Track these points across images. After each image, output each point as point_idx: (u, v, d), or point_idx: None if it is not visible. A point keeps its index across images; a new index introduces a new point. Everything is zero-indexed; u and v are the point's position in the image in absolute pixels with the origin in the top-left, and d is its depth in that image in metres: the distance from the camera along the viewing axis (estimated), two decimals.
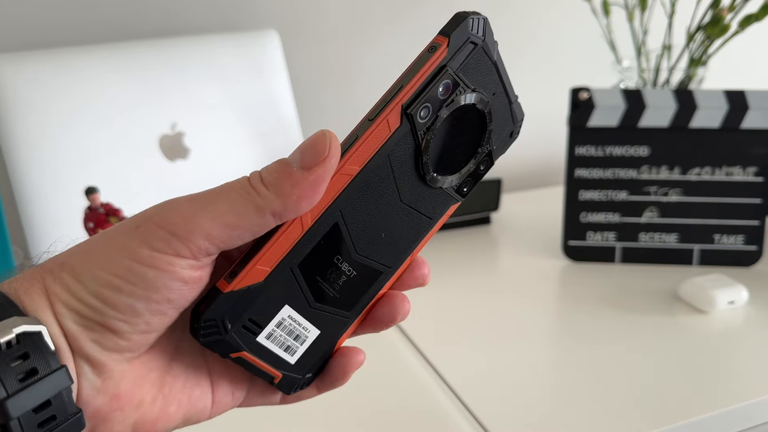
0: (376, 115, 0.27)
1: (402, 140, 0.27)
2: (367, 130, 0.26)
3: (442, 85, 0.27)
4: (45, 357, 0.23)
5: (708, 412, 0.52)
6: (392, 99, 0.27)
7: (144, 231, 0.24)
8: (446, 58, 0.27)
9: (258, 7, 0.83)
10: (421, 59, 0.27)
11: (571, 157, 0.73)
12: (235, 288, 0.26)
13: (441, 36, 0.27)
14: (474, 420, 0.52)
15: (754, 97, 0.70)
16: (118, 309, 0.24)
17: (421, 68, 0.27)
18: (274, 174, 0.25)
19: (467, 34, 0.27)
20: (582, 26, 0.90)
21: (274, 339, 0.28)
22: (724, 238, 0.73)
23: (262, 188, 0.25)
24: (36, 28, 0.75)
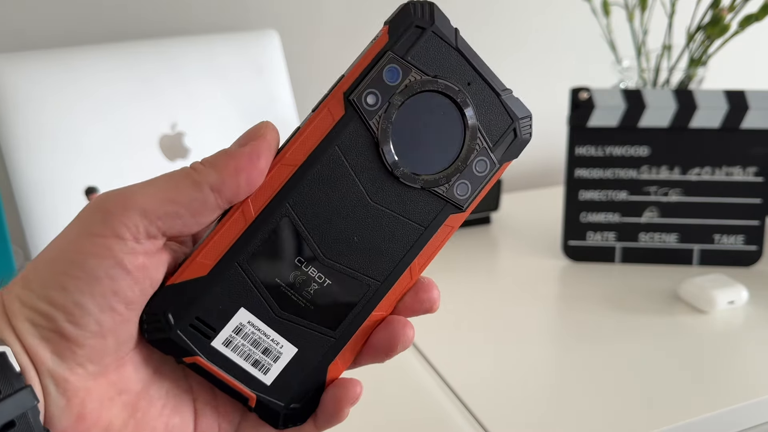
0: (317, 105, 0.26)
1: (351, 130, 0.26)
2: (308, 120, 0.26)
3: (388, 70, 0.26)
4: (8, 378, 0.23)
5: (708, 412, 0.52)
6: (333, 88, 0.26)
7: (83, 217, 0.24)
8: (388, 43, 0.26)
9: (258, 7, 0.83)
10: (364, 50, 0.27)
11: (571, 157, 0.73)
12: (176, 281, 0.25)
13: (384, 26, 0.27)
14: (474, 420, 0.52)
15: (754, 97, 0.70)
16: (65, 309, 0.23)
17: (362, 57, 0.26)
18: (214, 155, 0.25)
19: (409, 18, 0.26)
20: (582, 26, 0.90)
21: (235, 348, 0.26)
22: (724, 238, 0.73)
23: (199, 165, 0.25)
24: (36, 28, 0.75)
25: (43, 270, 0.24)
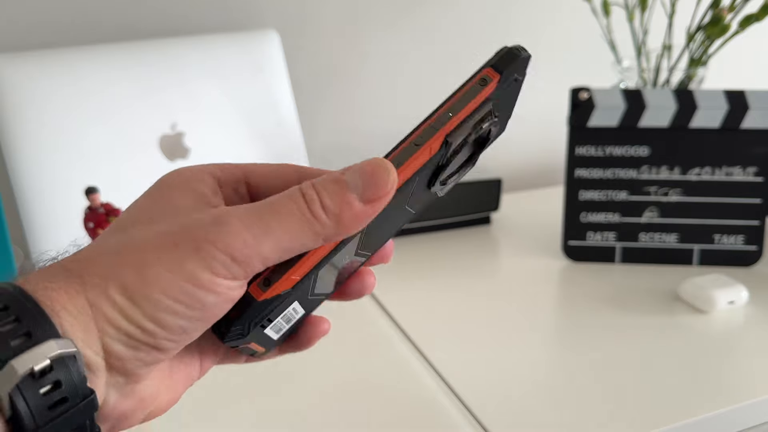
0: (422, 142, 0.28)
1: (433, 161, 0.28)
2: (412, 155, 0.27)
3: (481, 117, 0.28)
4: (76, 386, 0.22)
5: (708, 412, 0.52)
6: (441, 127, 0.28)
7: (205, 255, 0.24)
8: (493, 93, 0.28)
9: (258, 7, 0.83)
10: (472, 91, 0.28)
11: (571, 157, 0.73)
12: (269, 296, 0.27)
13: (493, 70, 0.28)
14: (474, 420, 0.52)
15: (754, 97, 0.70)
16: (171, 331, 0.24)
17: (471, 101, 0.28)
18: (335, 199, 0.25)
19: (516, 71, 0.29)
20: (582, 26, 0.90)
21: (273, 327, 0.29)
22: (724, 238, 0.73)
23: (322, 215, 0.25)
24: (36, 28, 0.75)
25: (155, 290, 0.23)
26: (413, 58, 0.92)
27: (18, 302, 0.22)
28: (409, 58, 0.92)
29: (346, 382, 0.57)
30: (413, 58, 0.92)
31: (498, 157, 1.00)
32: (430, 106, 0.35)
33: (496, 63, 0.29)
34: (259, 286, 0.27)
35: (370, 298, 0.69)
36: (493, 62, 0.29)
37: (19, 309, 0.22)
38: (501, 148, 1.00)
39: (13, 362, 0.21)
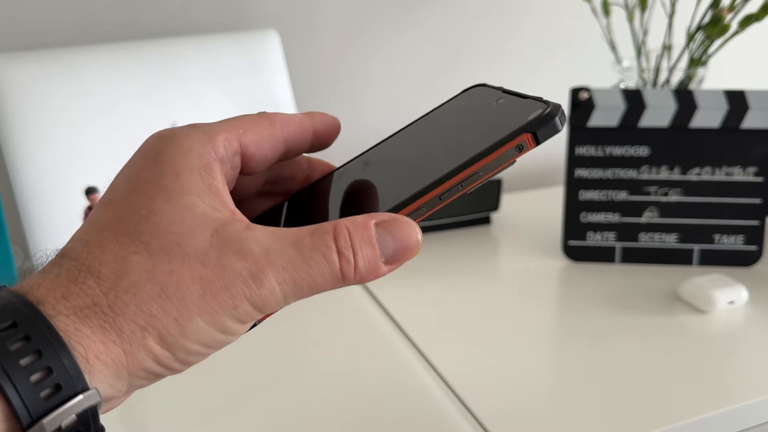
0: (446, 198, 0.28)
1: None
2: (434, 208, 0.28)
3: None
4: (89, 421, 0.22)
5: (708, 412, 0.52)
6: (467, 188, 0.28)
7: (241, 313, 0.24)
8: (518, 148, 0.28)
9: (258, 7, 0.83)
10: (506, 156, 0.28)
11: (571, 157, 0.73)
12: None
13: (532, 138, 0.27)
14: (474, 420, 0.52)
15: (754, 97, 0.70)
16: (190, 365, 0.25)
17: (502, 165, 0.28)
18: (368, 265, 0.26)
19: (551, 136, 0.28)
20: (582, 26, 0.90)
21: None
22: (724, 238, 0.73)
23: (352, 277, 0.26)
24: (36, 28, 0.75)
25: (188, 339, 0.24)
26: (413, 58, 0.92)
27: (50, 347, 0.21)
28: (409, 58, 0.92)
29: (346, 381, 0.57)
30: (413, 58, 0.92)
31: None
32: (431, 105, 0.35)
33: (537, 131, 0.27)
34: None
35: (370, 297, 0.69)
36: (533, 127, 0.27)
37: (51, 357, 0.21)
38: None
39: (44, 422, 0.21)
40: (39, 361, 0.21)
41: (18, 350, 0.21)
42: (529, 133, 0.27)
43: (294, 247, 0.25)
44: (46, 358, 0.21)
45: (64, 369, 0.21)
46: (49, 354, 0.21)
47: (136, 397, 0.58)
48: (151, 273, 0.23)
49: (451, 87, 1.00)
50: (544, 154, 1.02)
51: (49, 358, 0.21)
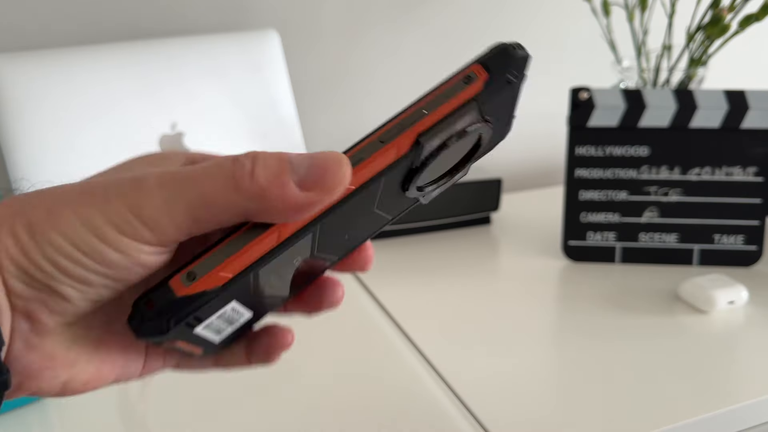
0: (389, 139, 0.24)
1: (404, 164, 0.25)
2: (375, 152, 0.24)
3: (464, 120, 0.25)
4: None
5: (708, 412, 0.52)
6: (411, 126, 0.24)
7: (114, 211, 0.23)
8: (480, 94, 0.25)
9: (258, 7, 0.83)
10: (453, 89, 0.25)
11: (571, 157, 0.73)
12: (192, 292, 0.24)
13: (480, 67, 0.25)
14: (474, 420, 0.52)
15: (754, 97, 0.70)
16: (72, 277, 0.23)
17: (450, 99, 0.25)
18: (269, 173, 0.22)
19: (509, 71, 0.25)
20: (582, 26, 0.90)
21: (209, 327, 0.26)
22: (724, 238, 0.73)
23: (246, 182, 0.22)
24: (36, 28, 0.75)
25: (56, 232, 0.23)
26: (413, 58, 0.92)
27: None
28: (409, 57, 0.92)
29: (345, 381, 0.57)
30: (413, 58, 0.92)
31: (498, 157, 1.00)
32: None
33: (485, 60, 0.25)
34: (182, 279, 0.24)
35: (370, 297, 0.69)
36: (482, 59, 0.25)
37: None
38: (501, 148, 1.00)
39: None
40: None
41: None
42: (477, 64, 0.25)
43: (191, 166, 0.24)
44: None
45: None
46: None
47: (136, 397, 0.58)
48: (59, 186, 0.24)
49: None
50: (544, 153, 1.03)
51: None
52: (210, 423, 0.53)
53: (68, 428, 0.53)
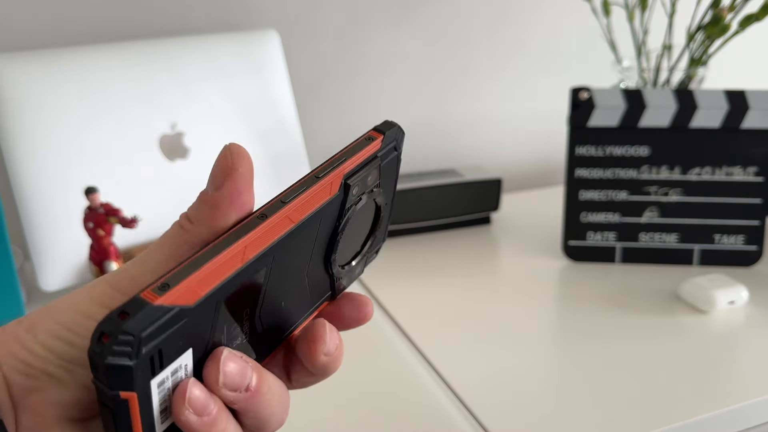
0: (324, 174, 0.27)
1: (332, 208, 0.27)
2: (315, 185, 0.26)
3: (372, 174, 0.29)
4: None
5: (708, 412, 0.52)
6: (339, 165, 0.27)
7: (98, 291, 0.25)
8: (379, 150, 0.29)
9: (258, 7, 0.83)
10: (360, 144, 0.29)
11: (571, 157, 0.73)
12: (166, 303, 0.21)
13: (375, 132, 0.30)
14: (474, 420, 0.52)
15: (755, 97, 0.70)
16: (64, 359, 0.24)
17: (361, 150, 0.29)
18: (194, 206, 0.26)
19: (394, 138, 0.30)
20: (582, 26, 0.90)
21: (161, 389, 0.22)
22: (724, 238, 0.73)
23: (188, 224, 0.26)
24: (36, 28, 0.75)
25: (50, 320, 0.25)
26: (413, 58, 0.92)
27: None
28: (409, 57, 0.92)
29: (345, 381, 0.57)
30: (413, 58, 0.92)
31: (498, 157, 1.00)
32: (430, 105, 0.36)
33: (377, 127, 0.30)
34: (155, 290, 0.22)
35: (369, 297, 0.69)
36: (377, 127, 0.30)
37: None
38: (501, 148, 1.00)
39: None
40: None
41: None
42: (372, 130, 0.30)
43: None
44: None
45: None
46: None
47: None
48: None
49: (451, 87, 1.01)
50: (544, 153, 1.03)
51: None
52: None
53: None
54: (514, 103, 0.97)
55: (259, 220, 0.25)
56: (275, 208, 0.25)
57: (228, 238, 0.24)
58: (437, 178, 0.83)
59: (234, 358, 0.24)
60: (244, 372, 0.24)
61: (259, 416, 0.26)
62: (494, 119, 0.98)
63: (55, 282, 0.66)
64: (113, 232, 0.61)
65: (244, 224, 0.25)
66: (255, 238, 0.25)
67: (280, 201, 0.26)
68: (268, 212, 0.25)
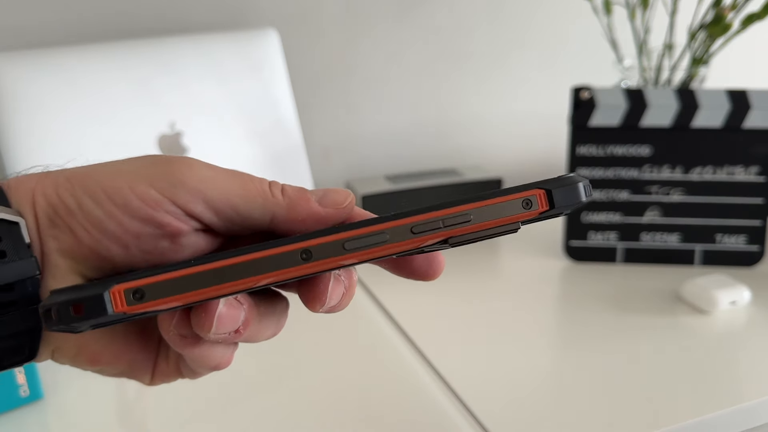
0: (421, 231, 0.23)
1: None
2: (404, 240, 0.23)
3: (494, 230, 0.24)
4: (16, 245, 0.24)
5: (709, 412, 0.52)
6: (451, 226, 0.23)
7: (153, 170, 0.25)
8: (528, 220, 0.23)
9: (257, 6, 0.83)
10: (509, 207, 0.23)
11: (572, 157, 0.73)
12: (131, 312, 0.22)
13: (544, 197, 0.23)
14: (474, 420, 0.52)
15: (757, 97, 0.69)
16: (88, 217, 0.25)
17: (500, 218, 0.23)
18: (294, 189, 0.27)
19: (568, 208, 0.23)
20: (583, 25, 0.90)
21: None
22: (726, 238, 0.73)
23: (278, 194, 0.26)
24: (35, 27, 0.75)
25: (90, 178, 0.25)
26: (413, 58, 0.92)
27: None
28: (409, 57, 0.92)
29: (345, 382, 0.57)
30: (413, 58, 0.92)
31: (498, 156, 1.00)
32: (430, 105, 0.35)
33: (551, 190, 0.23)
34: (127, 294, 0.21)
35: (370, 297, 0.69)
36: (549, 185, 0.23)
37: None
38: (501, 147, 1.00)
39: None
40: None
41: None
42: (541, 189, 0.23)
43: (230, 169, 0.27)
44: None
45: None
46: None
47: (136, 397, 0.58)
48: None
49: (451, 87, 1.00)
50: (545, 153, 1.02)
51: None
52: (210, 423, 0.53)
53: (67, 429, 0.52)
54: (514, 102, 0.97)
55: (303, 261, 0.22)
56: (329, 250, 0.22)
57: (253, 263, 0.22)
58: (437, 178, 0.83)
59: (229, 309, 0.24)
60: (237, 319, 0.25)
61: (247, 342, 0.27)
62: (495, 118, 0.97)
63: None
64: None
65: (283, 252, 0.22)
66: (275, 276, 0.22)
67: (341, 244, 0.22)
68: (314, 252, 0.22)
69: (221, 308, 0.24)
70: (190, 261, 0.23)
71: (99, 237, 0.25)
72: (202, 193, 0.25)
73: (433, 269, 0.29)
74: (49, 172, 0.26)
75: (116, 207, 0.25)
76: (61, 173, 0.26)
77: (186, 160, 0.26)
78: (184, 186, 0.25)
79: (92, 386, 0.56)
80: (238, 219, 0.26)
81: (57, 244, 0.25)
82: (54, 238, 0.25)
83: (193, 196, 0.25)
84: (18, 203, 0.25)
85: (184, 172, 0.25)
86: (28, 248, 0.25)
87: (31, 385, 0.53)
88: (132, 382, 0.58)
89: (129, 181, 0.25)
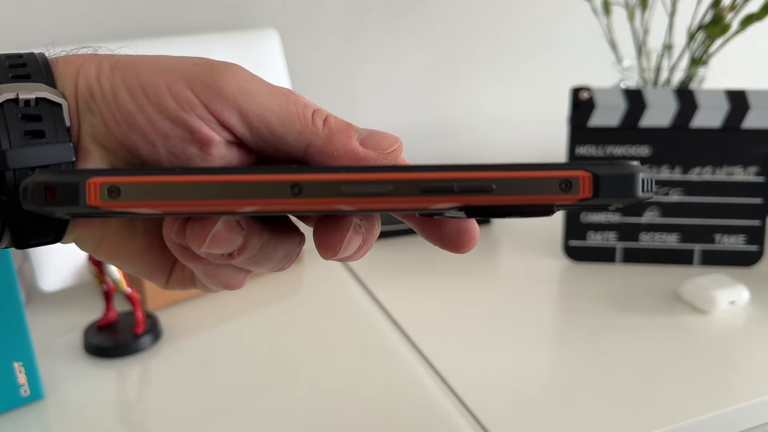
0: (430, 189, 0.21)
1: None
2: (414, 196, 0.21)
3: (522, 207, 0.21)
4: (56, 127, 0.24)
5: (709, 412, 0.52)
6: (467, 194, 0.20)
7: (194, 71, 0.25)
8: (564, 206, 0.20)
9: (257, 6, 0.83)
10: (543, 185, 0.19)
11: (571, 157, 0.73)
12: (104, 209, 0.21)
13: (589, 177, 0.19)
14: (474, 420, 0.52)
15: (756, 97, 0.70)
16: (120, 108, 0.24)
17: (530, 194, 0.19)
18: (339, 122, 0.25)
19: (616, 200, 0.19)
20: (582, 25, 0.90)
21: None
22: (725, 238, 0.73)
23: (319, 123, 0.25)
24: (35, 27, 0.75)
25: (133, 69, 0.25)
26: (413, 57, 0.92)
27: (33, 58, 0.25)
28: (409, 57, 0.92)
29: (345, 382, 0.57)
30: (413, 57, 0.92)
31: (498, 156, 1.00)
32: (430, 105, 0.34)
33: (600, 175, 0.19)
34: (102, 189, 0.20)
35: (369, 297, 0.69)
36: (598, 171, 0.19)
37: (30, 60, 0.25)
38: (501, 147, 1.00)
39: (2, 86, 0.24)
40: (20, 58, 0.25)
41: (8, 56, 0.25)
42: (588, 172, 0.19)
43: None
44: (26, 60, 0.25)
45: (37, 68, 0.25)
46: (31, 60, 0.25)
47: (136, 397, 0.58)
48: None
49: (451, 87, 1.00)
50: (544, 153, 1.02)
51: (29, 61, 0.25)
52: (210, 423, 0.53)
53: (68, 428, 0.52)
54: (514, 102, 0.97)
55: (293, 195, 0.21)
56: (323, 189, 0.20)
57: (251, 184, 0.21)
58: None
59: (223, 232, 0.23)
60: (232, 242, 0.24)
61: (249, 267, 0.26)
62: (494, 119, 0.97)
63: (55, 282, 0.65)
64: None
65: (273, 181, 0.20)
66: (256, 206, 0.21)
67: (337, 185, 0.20)
68: (306, 188, 0.20)
69: (219, 227, 0.23)
70: (175, 169, 0.21)
71: (127, 130, 0.24)
72: (238, 104, 0.24)
73: (463, 241, 0.26)
74: (96, 54, 0.25)
75: (149, 103, 0.24)
76: (107, 59, 0.25)
77: (230, 66, 0.25)
78: (221, 93, 0.24)
79: (92, 386, 0.56)
80: (272, 139, 0.25)
81: (90, 130, 0.25)
82: (89, 124, 0.25)
83: (229, 106, 0.24)
84: (63, 82, 0.25)
85: (226, 78, 0.24)
86: (67, 131, 0.24)
87: (32, 384, 0.53)
88: (132, 382, 0.58)
89: (167, 79, 0.24)
